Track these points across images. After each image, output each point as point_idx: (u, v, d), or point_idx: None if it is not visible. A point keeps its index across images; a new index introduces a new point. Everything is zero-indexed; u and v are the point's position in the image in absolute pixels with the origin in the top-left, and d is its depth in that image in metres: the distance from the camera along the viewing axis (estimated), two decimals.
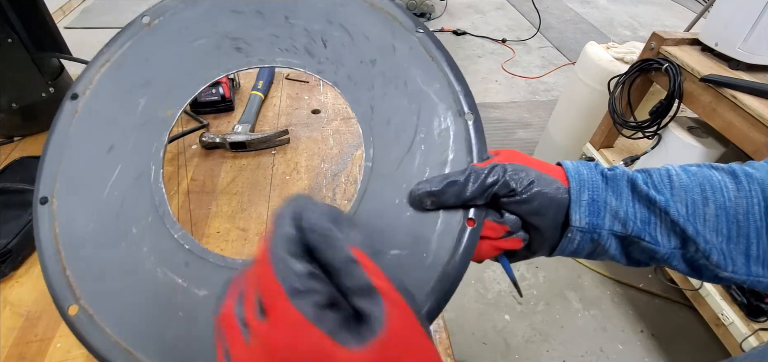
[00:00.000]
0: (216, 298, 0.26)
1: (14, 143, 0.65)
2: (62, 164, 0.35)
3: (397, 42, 0.36)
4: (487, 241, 0.30)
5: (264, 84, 0.79)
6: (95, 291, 0.31)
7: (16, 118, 0.64)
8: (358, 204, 0.32)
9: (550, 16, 3.51)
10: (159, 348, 0.29)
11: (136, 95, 0.37)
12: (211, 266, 0.32)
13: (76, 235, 0.32)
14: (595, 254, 0.30)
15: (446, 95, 0.34)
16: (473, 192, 0.28)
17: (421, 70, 0.35)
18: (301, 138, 0.69)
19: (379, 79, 0.35)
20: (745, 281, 0.27)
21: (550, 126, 1.74)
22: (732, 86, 0.98)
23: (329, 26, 0.37)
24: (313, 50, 0.36)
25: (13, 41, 0.60)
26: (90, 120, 0.36)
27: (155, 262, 0.32)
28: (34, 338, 0.41)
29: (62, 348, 0.41)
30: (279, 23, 0.37)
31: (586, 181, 0.29)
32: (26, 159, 0.58)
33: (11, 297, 0.45)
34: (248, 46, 0.37)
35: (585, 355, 1.27)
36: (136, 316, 0.30)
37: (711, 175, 0.28)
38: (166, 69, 0.38)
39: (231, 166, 0.64)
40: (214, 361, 0.25)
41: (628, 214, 0.28)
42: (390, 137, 0.34)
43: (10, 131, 0.65)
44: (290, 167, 0.64)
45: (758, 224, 0.26)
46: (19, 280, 0.46)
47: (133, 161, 0.35)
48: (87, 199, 0.34)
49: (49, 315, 0.43)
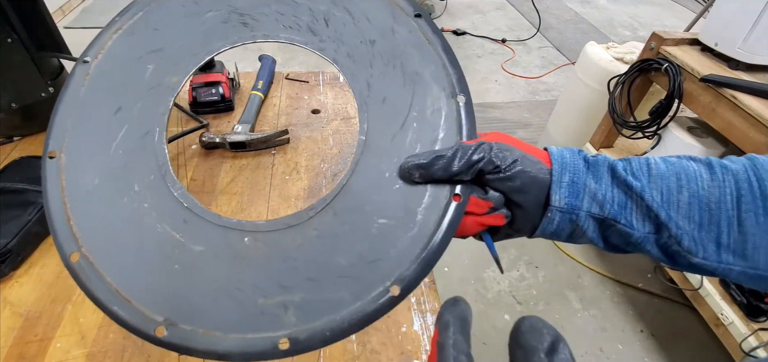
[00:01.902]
0: (212, 256, 0.31)
1: (14, 142, 0.65)
2: (71, 122, 0.37)
3: (396, 25, 0.38)
4: (472, 217, 0.31)
5: (264, 84, 0.79)
6: (97, 241, 0.32)
7: (15, 118, 0.64)
8: (350, 175, 0.34)
9: (550, 16, 3.51)
10: (157, 300, 0.30)
11: (145, 62, 0.39)
12: (208, 225, 0.33)
13: (82, 188, 0.34)
14: (574, 236, 0.31)
15: (440, 77, 0.36)
16: (460, 167, 0.30)
17: (417, 53, 0.37)
18: (300, 138, 0.69)
19: (377, 59, 0.37)
20: (716, 268, 0.28)
21: (550, 126, 1.74)
22: (732, 86, 0.98)
23: (333, 7, 0.39)
24: (315, 28, 0.39)
25: (13, 41, 0.60)
26: (100, 83, 0.38)
27: (156, 218, 0.33)
28: (34, 338, 0.41)
29: (62, 348, 0.41)
30: (285, 1, 0.40)
31: (568, 164, 0.30)
32: (26, 159, 0.58)
33: (11, 297, 0.45)
34: (254, 21, 0.40)
35: (585, 355, 1.27)
36: (135, 268, 0.31)
37: (687, 165, 0.29)
38: (175, 39, 0.40)
39: (231, 166, 0.64)
40: (207, 314, 0.29)
41: (605, 197, 0.29)
42: (384, 114, 0.35)
43: (9, 131, 0.65)
44: (290, 167, 0.64)
45: (730, 213, 0.27)
46: (19, 280, 0.46)
47: (139, 123, 0.37)
48: (93, 156, 0.35)
49: (48, 315, 0.43)
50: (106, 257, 0.32)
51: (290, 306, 0.30)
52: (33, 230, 0.49)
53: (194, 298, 0.30)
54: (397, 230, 0.32)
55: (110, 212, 0.34)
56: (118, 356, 0.40)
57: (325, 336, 0.28)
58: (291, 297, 0.30)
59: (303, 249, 0.32)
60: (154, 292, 0.31)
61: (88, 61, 0.39)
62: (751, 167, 0.28)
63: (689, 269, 0.29)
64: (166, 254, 0.32)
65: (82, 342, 0.41)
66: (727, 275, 0.28)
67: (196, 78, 0.73)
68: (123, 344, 0.41)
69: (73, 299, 0.45)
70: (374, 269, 0.31)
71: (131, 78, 0.38)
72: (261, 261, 0.32)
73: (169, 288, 0.31)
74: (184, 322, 0.29)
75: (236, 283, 0.31)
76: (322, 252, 0.32)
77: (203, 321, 0.30)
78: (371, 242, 0.32)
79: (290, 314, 0.29)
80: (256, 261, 0.32)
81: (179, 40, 0.40)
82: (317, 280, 0.31)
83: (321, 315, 0.29)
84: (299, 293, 0.30)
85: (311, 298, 0.30)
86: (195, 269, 0.32)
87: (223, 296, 0.31)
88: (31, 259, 0.49)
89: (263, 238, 0.33)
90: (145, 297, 0.30)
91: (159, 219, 0.33)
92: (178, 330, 0.29)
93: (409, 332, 0.44)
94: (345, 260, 0.31)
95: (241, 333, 0.29)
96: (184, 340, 0.29)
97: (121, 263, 0.32)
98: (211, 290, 0.31)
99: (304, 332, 0.29)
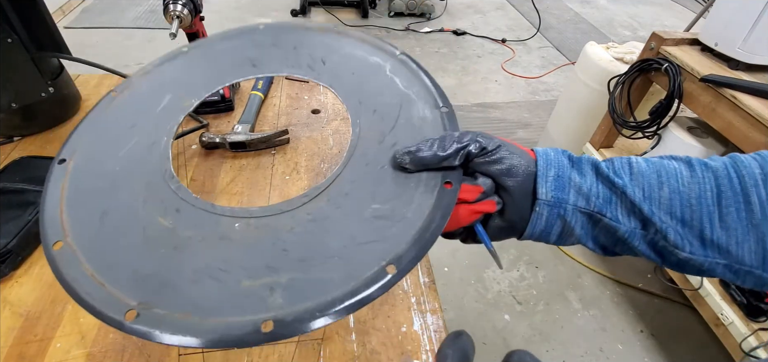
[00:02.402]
0: (199, 240, 0.31)
1: (14, 143, 0.65)
2: (87, 135, 0.40)
3: (382, 61, 0.45)
4: (465, 206, 0.32)
5: (264, 84, 0.79)
6: (84, 231, 0.33)
7: (15, 118, 0.64)
8: (344, 167, 0.36)
9: (550, 16, 3.51)
10: (134, 283, 0.29)
11: (163, 92, 0.44)
12: (200, 212, 0.34)
13: (82, 188, 0.36)
14: (564, 234, 0.32)
15: (424, 94, 0.40)
16: (448, 151, 0.31)
17: (402, 78, 0.42)
18: (300, 138, 0.69)
19: (368, 84, 0.42)
20: (703, 263, 0.28)
21: (550, 126, 1.74)
22: (732, 86, 0.98)
23: (328, 52, 0.46)
24: (313, 66, 0.45)
25: (13, 41, 0.60)
26: (121, 107, 0.43)
27: (150, 211, 0.34)
28: (34, 338, 0.41)
29: (62, 348, 0.41)
30: (289, 50, 0.47)
31: (552, 160, 0.31)
32: (26, 159, 0.58)
33: (11, 297, 0.45)
34: (262, 63, 0.47)
35: (585, 355, 1.27)
36: (117, 254, 0.31)
37: (668, 163, 0.30)
38: (193, 76, 0.46)
39: (231, 166, 0.64)
40: (186, 297, 0.28)
41: (591, 190, 0.30)
42: (375, 121, 0.39)
43: (9, 131, 0.65)
44: (290, 167, 0.64)
45: (710, 209, 0.28)
46: (18, 280, 0.46)
47: (149, 134, 0.41)
48: (101, 161, 0.38)
49: (48, 315, 0.43)
50: (89, 246, 0.32)
51: (277, 288, 0.28)
52: (33, 230, 0.49)
53: (175, 280, 0.29)
54: (391, 214, 0.32)
55: (105, 204, 0.34)
56: (118, 356, 0.40)
57: (314, 317, 0.26)
58: (278, 278, 0.29)
59: (294, 232, 0.32)
60: (132, 276, 0.30)
61: (115, 92, 0.44)
62: (732, 164, 0.29)
63: (678, 266, 0.30)
64: (153, 241, 0.32)
65: (82, 342, 0.41)
66: (714, 270, 0.28)
67: None
68: (123, 344, 0.41)
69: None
70: (368, 251, 0.30)
71: (150, 104, 0.44)
72: (250, 244, 0.32)
73: (150, 272, 0.30)
74: (160, 306, 0.28)
75: (221, 264, 0.30)
76: (314, 235, 0.32)
77: (181, 303, 0.28)
78: (364, 225, 0.32)
79: (276, 296, 0.28)
80: (245, 244, 0.32)
81: (196, 77, 0.46)
82: (307, 261, 0.30)
83: (310, 297, 0.27)
84: (287, 274, 0.29)
85: (300, 278, 0.29)
86: (180, 253, 0.31)
87: (206, 277, 0.29)
88: (31, 259, 0.49)
89: (255, 223, 0.33)
90: (121, 281, 0.29)
91: (152, 210, 0.34)
92: (151, 315, 0.27)
93: (409, 332, 0.44)
94: (337, 242, 0.31)
95: (221, 316, 0.27)
96: (155, 325, 0.26)
97: (104, 249, 0.31)
98: (193, 271, 0.30)
99: (291, 314, 0.27)
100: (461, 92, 2.44)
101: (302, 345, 0.43)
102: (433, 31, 3.13)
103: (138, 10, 3.02)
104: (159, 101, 0.43)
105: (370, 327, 0.44)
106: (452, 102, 2.17)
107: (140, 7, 3.06)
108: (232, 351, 0.41)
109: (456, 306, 1.37)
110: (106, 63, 0.70)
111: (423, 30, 3.12)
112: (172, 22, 0.60)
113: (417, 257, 0.29)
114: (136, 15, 2.95)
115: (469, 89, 2.46)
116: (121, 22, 2.84)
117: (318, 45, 0.47)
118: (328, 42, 0.47)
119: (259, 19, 3.10)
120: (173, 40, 0.59)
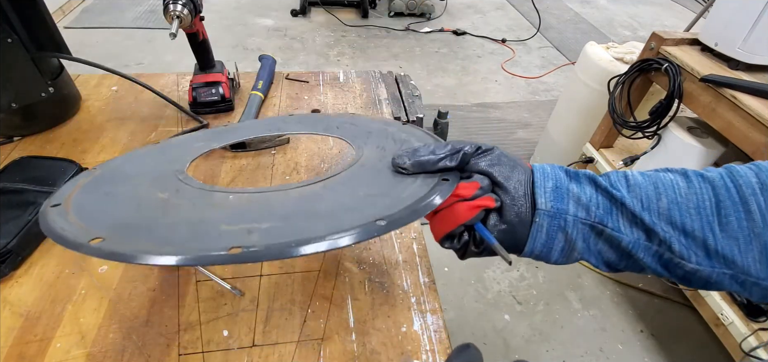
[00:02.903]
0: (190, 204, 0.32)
1: (14, 142, 0.65)
2: (122, 159, 0.47)
3: (388, 128, 0.49)
4: (463, 202, 0.32)
5: (264, 84, 0.79)
6: (84, 200, 0.34)
7: (15, 118, 0.64)
8: (344, 170, 0.37)
9: (550, 16, 3.51)
10: (110, 226, 0.29)
11: (197, 140, 0.54)
12: (198, 191, 0.35)
13: (100, 179, 0.39)
14: (566, 249, 0.31)
15: (424, 139, 0.43)
16: (445, 152, 0.33)
17: (405, 133, 0.46)
18: (300, 138, 0.69)
19: (372, 137, 0.47)
20: (711, 274, 0.28)
21: (550, 126, 1.74)
22: (732, 86, 0.98)
23: (343, 122, 0.54)
24: (328, 131, 0.53)
25: (13, 41, 0.60)
26: (159, 148, 0.52)
27: (151, 189, 0.36)
28: (34, 338, 0.41)
29: (62, 348, 0.41)
30: (310, 124, 0.56)
31: (549, 173, 0.32)
32: (26, 159, 0.58)
33: (11, 297, 0.45)
34: (283, 130, 0.58)
35: (585, 355, 1.27)
36: (108, 215, 0.32)
37: (663, 176, 0.31)
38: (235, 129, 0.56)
39: (231, 166, 0.64)
40: (154, 233, 0.28)
41: (590, 201, 0.30)
42: (378, 150, 0.42)
43: (9, 131, 0.65)
44: (290, 167, 0.64)
45: (710, 219, 0.28)
46: (18, 280, 0.46)
47: (176, 160, 0.45)
48: (126, 171, 0.42)
49: (48, 315, 0.43)
50: (82, 208, 0.32)
51: (255, 232, 0.26)
52: (33, 230, 0.49)
53: (151, 224, 0.29)
54: (385, 199, 0.31)
55: (112, 189, 0.37)
56: (118, 356, 0.40)
57: (289, 246, 0.24)
58: (258, 225, 0.27)
59: (283, 204, 0.32)
60: (111, 223, 0.29)
61: (157, 143, 0.53)
62: (728, 174, 0.29)
63: (686, 280, 0.29)
64: (145, 206, 0.33)
65: (82, 342, 0.41)
66: (722, 282, 0.28)
67: (196, 78, 0.73)
68: (123, 344, 0.41)
69: (73, 299, 0.45)
70: (357, 212, 0.29)
71: (183, 148, 0.50)
72: (236, 206, 0.32)
73: (129, 221, 0.29)
74: (129, 241, 0.26)
75: (202, 218, 0.30)
76: (303, 203, 0.32)
77: (150, 239, 0.27)
78: (356, 200, 0.32)
79: (253, 236, 0.26)
80: (232, 206, 0.32)
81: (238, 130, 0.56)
82: (290, 217, 0.29)
83: (287, 238, 0.25)
84: (268, 222, 0.28)
85: (280, 226, 0.27)
86: (165, 214, 0.31)
87: (183, 226, 0.28)
88: (31, 259, 0.49)
89: (248, 196, 0.34)
90: (99, 225, 0.28)
91: (153, 189, 0.36)
92: (117, 242, 0.25)
93: (409, 332, 0.44)
94: (325, 207, 0.30)
95: (189, 251, 0.25)
96: (115, 249, 0.25)
97: (94, 210, 0.32)
98: (172, 222, 0.29)
99: (262, 244, 0.24)
100: (461, 91, 2.44)
101: (302, 345, 0.43)
102: (433, 31, 3.13)
103: (138, 10, 3.02)
104: (191, 146, 0.50)
105: (370, 327, 0.44)
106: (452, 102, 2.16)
107: (140, 7, 3.06)
108: (232, 351, 0.41)
109: (456, 306, 1.37)
110: (106, 63, 0.70)
111: (423, 30, 3.12)
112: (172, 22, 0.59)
113: (407, 218, 0.28)
114: (136, 15, 2.95)
115: (469, 89, 2.46)
116: (121, 22, 2.84)
117: (335, 119, 0.57)
118: (343, 118, 0.57)
119: (259, 20, 3.10)
120: (173, 40, 0.59)
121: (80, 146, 0.65)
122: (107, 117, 0.72)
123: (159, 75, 0.85)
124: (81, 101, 0.75)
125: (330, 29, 3.06)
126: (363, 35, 3.02)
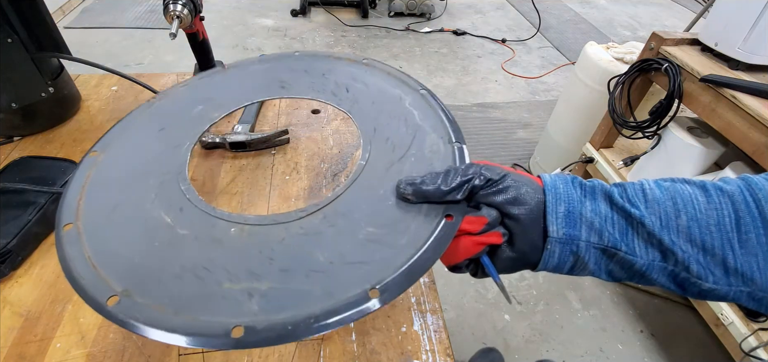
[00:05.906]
0: (193, 238, 0.33)
1: (14, 142, 0.65)
2: (120, 134, 0.44)
3: (404, 94, 0.46)
4: (469, 237, 0.31)
5: None
6: (94, 217, 0.35)
7: (15, 118, 0.64)
8: (346, 189, 0.36)
9: (549, 16, 3.51)
10: (124, 270, 0.31)
11: (196, 103, 0.49)
12: (201, 213, 0.36)
13: (104, 178, 0.39)
14: (577, 268, 0.31)
15: (439, 128, 0.41)
16: (452, 184, 0.31)
17: (420, 112, 0.43)
18: (300, 138, 0.69)
19: (384, 114, 0.44)
20: (727, 292, 0.27)
21: (550, 126, 1.74)
22: (731, 86, 0.98)
23: (353, 81, 0.49)
24: (337, 93, 0.48)
25: (13, 41, 0.60)
26: (156, 111, 0.48)
27: (156, 205, 0.36)
28: (34, 338, 0.41)
29: (62, 348, 0.41)
30: (317, 77, 0.51)
31: (562, 195, 0.30)
32: (26, 159, 0.58)
33: (11, 297, 0.45)
34: (291, 86, 0.50)
35: (584, 355, 1.27)
36: (117, 241, 0.33)
37: (682, 189, 0.29)
38: (226, 91, 0.50)
39: (231, 166, 0.64)
40: (166, 289, 0.29)
41: (604, 225, 0.29)
42: (386, 149, 0.40)
43: (9, 131, 0.65)
44: (290, 167, 0.64)
45: (730, 235, 0.27)
46: (18, 280, 0.46)
47: (175, 138, 0.43)
48: (127, 156, 0.41)
49: (48, 315, 0.43)
50: (94, 231, 0.34)
51: (255, 295, 0.29)
52: (33, 230, 0.49)
53: (160, 272, 0.31)
54: (385, 239, 0.31)
55: (119, 197, 0.37)
56: (118, 356, 0.40)
57: (286, 330, 0.26)
58: (258, 285, 0.29)
59: (284, 243, 0.32)
60: (124, 264, 0.31)
61: (154, 98, 0.49)
62: (746, 187, 0.28)
63: (700, 296, 0.28)
64: (151, 234, 0.34)
65: (82, 342, 0.41)
66: (739, 299, 0.27)
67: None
68: (123, 344, 0.41)
69: (74, 299, 0.45)
70: (354, 271, 0.29)
71: (181, 112, 0.47)
72: (238, 248, 0.32)
73: (140, 261, 0.32)
74: (141, 295, 0.29)
75: (205, 262, 0.31)
76: (303, 247, 0.32)
77: (160, 295, 0.29)
78: (355, 245, 0.31)
79: (253, 302, 0.28)
80: (233, 248, 0.32)
81: (229, 94, 0.50)
82: (289, 271, 0.30)
83: (286, 308, 0.27)
84: (268, 282, 0.29)
85: (279, 288, 0.29)
86: (172, 248, 0.32)
87: (189, 273, 0.30)
88: (31, 259, 0.49)
89: (249, 230, 0.34)
90: (113, 267, 0.31)
91: (158, 206, 0.36)
92: (131, 303, 0.28)
93: (409, 332, 0.44)
94: (324, 256, 0.31)
95: (194, 313, 0.27)
96: (130, 315, 0.27)
97: (106, 236, 0.34)
98: (179, 266, 0.31)
99: (263, 322, 0.27)
100: (461, 92, 2.44)
101: (302, 345, 0.43)
102: (433, 31, 3.13)
103: (138, 10, 3.02)
104: (191, 110, 0.47)
105: (370, 327, 0.44)
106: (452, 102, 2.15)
107: (140, 7, 3.06)
108: (233, 351, 0.41)
109: (456, 306, 1.37)
110: (106, 63, 0.70)
111: (423, 30, 3.12)
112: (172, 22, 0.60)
113: (403, 287, 0.29)
114: (136, 15, 2.95)
115: (469, 89, 2.46)
116: (121, 22, 2.84)
117: (345, 74, 0.50)
118: (354, 72, 0.50)
119: (259, 20, 3.10)
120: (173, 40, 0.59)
121: (80, 146, 0.65)
122: (107, 117, 0.72)
123: (159, 75, 0.85)
124: (81, 100, 0.75)
125: (330, 29, 3.06)
126: (363, 35, 3.02)
